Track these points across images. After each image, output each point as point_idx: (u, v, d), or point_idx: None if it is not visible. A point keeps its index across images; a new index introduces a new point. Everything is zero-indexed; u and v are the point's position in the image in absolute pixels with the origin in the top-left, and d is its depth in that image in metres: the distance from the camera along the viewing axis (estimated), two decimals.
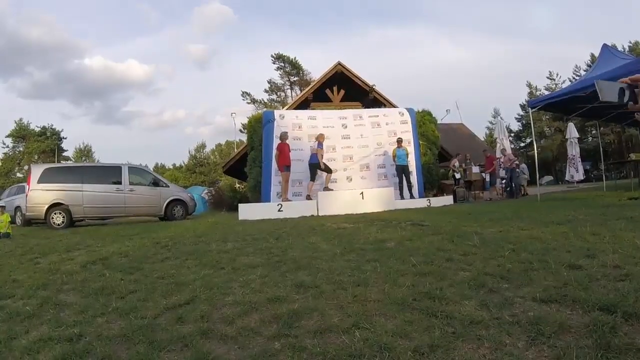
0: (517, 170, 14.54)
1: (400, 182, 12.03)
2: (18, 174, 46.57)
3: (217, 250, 4.62)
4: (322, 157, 11.30)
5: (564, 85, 42.88)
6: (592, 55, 43.22)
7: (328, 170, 11.54)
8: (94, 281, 3.48)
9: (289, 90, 50.01)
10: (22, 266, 4.54)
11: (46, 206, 11.01)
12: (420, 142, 13.79)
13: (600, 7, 72.41)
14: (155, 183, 12.71)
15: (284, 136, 11.32)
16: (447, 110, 32.57)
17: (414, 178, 12.67)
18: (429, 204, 11.09)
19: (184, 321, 2.34)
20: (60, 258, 4.94)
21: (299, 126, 12.75)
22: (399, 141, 12.27)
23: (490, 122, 50.46)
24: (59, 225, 10.95)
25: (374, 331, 2.00)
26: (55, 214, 11.09)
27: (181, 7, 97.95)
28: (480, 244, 3.91)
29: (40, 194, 11.06)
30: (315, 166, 11.17)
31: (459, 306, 2.26)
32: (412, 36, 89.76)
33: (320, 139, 11.40)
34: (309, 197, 11.07)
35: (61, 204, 11.15)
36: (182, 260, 4.15)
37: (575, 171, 16.67)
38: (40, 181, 11.18)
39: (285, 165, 10.96)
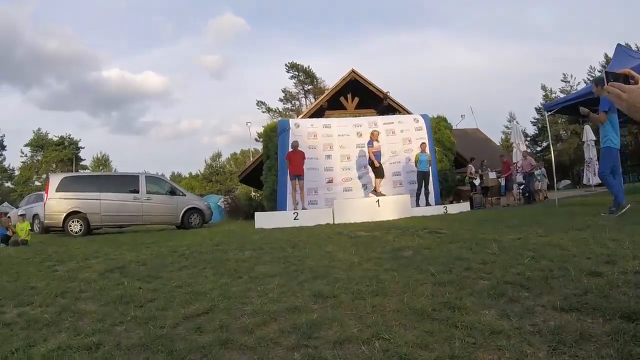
0: (535, 174, 14.34)
1: (419, 189, 11.89)
2: (36, 183, 47.44)
3: (235, 259, 4.66)
4: (372, 155, 11.31)
5: (579, 87, 42.28)
6: (606, 56, 42.58)
7: (378, 173, 11.45)
8: (112, 289, 3.52)
9: (303, 99, 50.28)
10: (40, 273, 4.61)
11: (64, 214, 11.24)
12: (436, 149, 13.71)
13: (614, 6, 71.16)
14: (172, 192, 12.87)
15: (294, 145, 11.36)
16: (462, 116, 32.47)
17: (430, 185, 12.58)
18: (445, 211, 10.97)
19: (203, 331, 2.35)
20: (78, 266, 5.01)
21: (314, 135, 12.81)
22: (423, 145, 12.17)
23: (506, 127, 49.93)
24: (76, 233, 11.16)
25: (393, 342, 1.98)
26: (73, 222, 11.31)
27: (196, 19, 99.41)
28: (499, 251, 3.85)
29: (58, 202, 11.32)
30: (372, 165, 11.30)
31: (479, 316, 2.23)
32: (425, 42, 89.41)
33: (372, 136, 11.45)
34: (378, 194, 11.03)
35: (79, 212, 11.38)
36: (199, 269, 4.19)
37: (593, 175, 16.38)
38: (58, 190, 11.45)
39: (295, 175, 10.96)
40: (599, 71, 42.28)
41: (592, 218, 5.95)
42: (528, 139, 43.72)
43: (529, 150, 31.13)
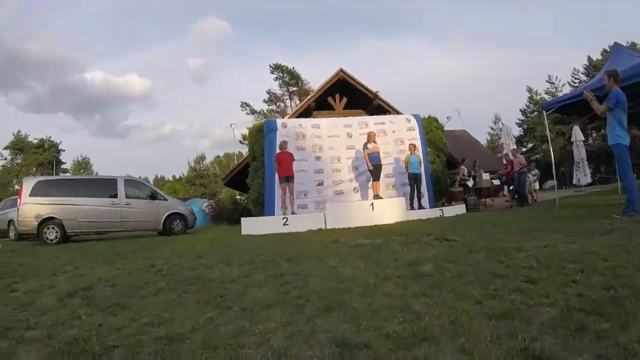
0: (528, 175, 13.92)
1: (412, 192, 11.40)
2: (16, 186, 45.73)
3: (221, 278, 3.84)
4: (366, 157, 10.99)
5: (564, 89, 42.66)
6: (589, 58, 43.15)
7: (373, 176, 11.07)
8: (66, 327, 2.77)
9: (288, 101, 49.51)
10: None
11: (38, 220, 10.41)
12: (429, 150, 13.22)
13: (596, 8, 72.20)
14: (153, 196, 12.10)
15: (282, 145, 10.80)
16: (447, 117, 32.07)
17: (424, 187, 12.08)
18: (442, 214, 10.47)
19: None
20: (40, 284, 4.26)
21: (302, 135, 12.17)
22: (412, 147, 11.69)
23: (492, 128, 50.15)
24: (51, 240, 10.36)
25: None
26: (47, 228, 10.49)
27: (179, 22, 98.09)
28: (537, 264, 3.26)
29: (32, 208, 10.50)
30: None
31: None
32: (407, 47, 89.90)
33: (368, 137, 11.14)
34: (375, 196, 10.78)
35: (54, 218, 10.54)
36: (178, 294, 3.41)
37: (583, 175, 16.17)
38: (32, 194, 10.62)
39: (284, 177, 10.37)
40: (582, 73, 42.73)
41: (606, 220, 5.51)
42: (513, 139, 43.75)
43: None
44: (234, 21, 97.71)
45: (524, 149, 47.43)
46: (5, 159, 49.68)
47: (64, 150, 52.80)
